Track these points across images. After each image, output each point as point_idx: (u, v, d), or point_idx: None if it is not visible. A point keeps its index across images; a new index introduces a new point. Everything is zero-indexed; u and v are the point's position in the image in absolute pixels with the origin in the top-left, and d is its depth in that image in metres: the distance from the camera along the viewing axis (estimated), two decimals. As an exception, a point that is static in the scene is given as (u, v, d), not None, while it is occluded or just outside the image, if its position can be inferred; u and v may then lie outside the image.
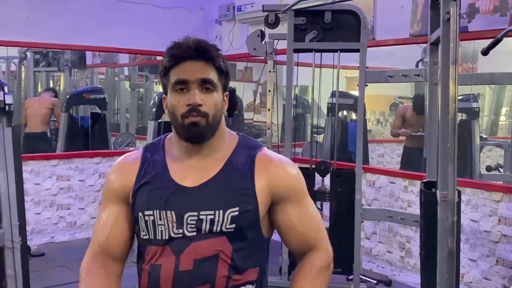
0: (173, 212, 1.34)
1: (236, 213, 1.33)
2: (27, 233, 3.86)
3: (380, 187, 4.79)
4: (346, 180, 3.78)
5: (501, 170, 5.14)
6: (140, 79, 8.55)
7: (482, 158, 5.27)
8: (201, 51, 1.34)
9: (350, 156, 5.19)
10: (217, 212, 1.33)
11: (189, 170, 1.38)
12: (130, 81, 8.32)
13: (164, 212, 1.34)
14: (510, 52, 4.69)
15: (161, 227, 1.35)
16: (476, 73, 5.18)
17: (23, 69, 7.17)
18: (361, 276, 3.87)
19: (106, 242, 1.43)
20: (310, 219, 1.45)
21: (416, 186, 4.30)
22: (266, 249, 1.46)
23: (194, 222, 1.33)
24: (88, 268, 1.43)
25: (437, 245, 2.78)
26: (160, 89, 8.08)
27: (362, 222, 3.86)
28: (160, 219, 1.35)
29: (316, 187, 3.87)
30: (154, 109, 4.80)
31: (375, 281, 4.16)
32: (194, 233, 1.33)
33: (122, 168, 1.46)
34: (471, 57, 5.14)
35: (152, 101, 5.00)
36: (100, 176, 5.83)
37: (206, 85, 1.34)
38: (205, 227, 1.33)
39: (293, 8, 3.62)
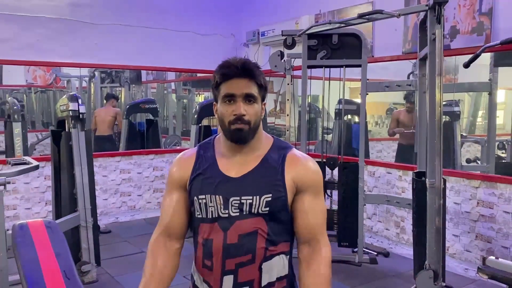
0: (220, 197, 1.37)
1: (270, 198, 1.35)
2: (97, 215, 3.92)
3: (379, 177, 4.74)
4: (351, 171, 3.76)
5: (479, 162, 5.04)
6: (184, 92, 8.60)
7: (463, 152, 5.19)
8: (245, 71, 1.35)
9: (354, 152, 5.15)
10: (254, 197, 1.35)
11: (233, 164, 1.40)
12: (176, 94, 8.37)
13: (214, 196, 1.37)
14: (485, 65, 4.60)
15: (211, 208, 1.37)
16: (457, 82, 5.09)
17: (92, 85, 7.28)
18: (364, 249, 3.84)
19: (169, 224, 1.47)
20: (320, 212, 1.44)
21: (409, 175, 4.25)
22: (293, 228, 1.46)
23: (237, 204, 1.36)
24: (154, 245, 1.48)
25: (427, 224, 2.74)
26: (200, 100, 8.16)
27: (365, 205, 3.83)
28: (211, 202, 1.37)
29: (326, 178, 3.86)
30: (195, 116, 4.83)
31: (376, 253, 4.12)
32: (237, 214, 1.35)
33: (181, 162, 1.48)
34: (453, 70, 5.05)
35: (194, 109, 5.02)
36: (154, 169, 5.89)
37: (249, 98, 1.36)
38: (246, 209, 1.35)
39: (307, 32, 3.62)
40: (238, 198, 1.36)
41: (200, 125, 4.83)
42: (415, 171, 3.27)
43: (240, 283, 1.36)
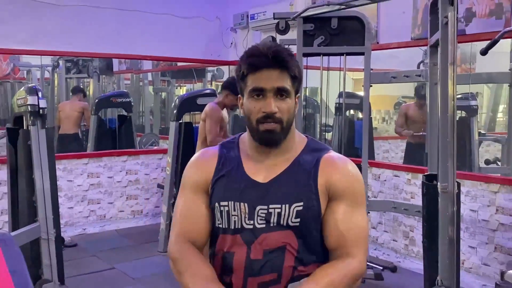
0: (246, 204, 1.35)
1: (301, 207, 1.32)
2: (61, 226, 3.89)
3: (385, 180, 4.76)
4: (353, 174, 3.76)
5: (499, 163, 5.09)
6: (162, 83, 8.57)
7: (481, 152, 5.22)
8: (277, 60, 1.32)
9: (357, 152, 5.16)
10: (283, 206, 1.33)
11: (261, 167, 1.39)
12: (153, 86, 8.35)
13: (238, 203, 1.36)
14: (505, 53, 4.64)
15: (235, 217, 1.36)
16: (474, 73, 5.13)
17: (56, 76, 7.23)
18: (368, 263, 3.85)
19: (189, 231, 1.42)
20: (355, 225, 1.37)
21: (419, 179, 4.27)
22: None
23: (264, 214, 1.34)
24: (185, 253, 1.39)
25: (439, 234, 2.75)
26: (181, 93, 8.14)
27: (369, 213, 3.85)
28: (234, 210, 1.36)
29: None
30: (175, 111, 4.82)
31: (381, 268, 4.14)
32: (263, 225, 1.34)
33: (200, 162, 1.46)
34: (470, 58, 5.09)
35: (173, 104, 5.01)
36: (126, 173, 5.87)
37: (281, 92, 1.34)
38: (273, 220, 1.33)
39: (302, 15, 3.62)
40: (266, 207, 1.34)
41: (180, 121, 4.82)
42: (426, 174, 3.29)
43: None
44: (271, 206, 1.33)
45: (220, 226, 1.39)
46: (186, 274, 1.35)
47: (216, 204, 1.39)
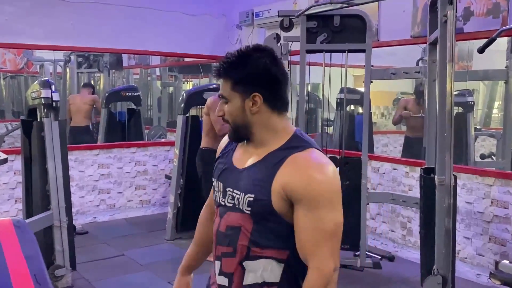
0: (221, 184, 1.50)
1: (251, 199, 1.39)
2: (73, 214, 3.92)
3: (384, 173, 4.76)
4: (353, 167, 3.77)
5: (494, 157, 5.09)
6: (170, 78, 8.58)
7: (477, 147, 5.22)
8: (218, 70, 1.44)
9: (357, 145, 5.17)
10: (241, 194, 1.42)
11: (244, 155, 1.49)
12: (161, 80, 8.35)
13: (218, 182, 1.53)
14: (502, 51, 4.62)
15: (217, 193, 1.53)
16: (471, 70, 5.12)
17: (67, 70, 7.24)
18: (366, 252, 3.86)
19: (210, 198, 1.68)
20: (315, 230, 1.32)
21: (416, 172, 4.27)
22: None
23: (231, 196, 1.46)
24: (202, 214, 1.73)
25: (435, 225, 2.76)
26: (187, 87, 8.14)
27: (368, 204, 3.85)
28: (217, 187, 1.53)
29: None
30: (182, 105, 4.82)
31: (380, 257, 4.14)
32: (231, 205, 1.46)
33: (223, 140, 1.63)
34: (467, 56, 5.07)
35: (180, 98, 5.02)
36: (135, 164, 5.88)
37: (223, 99, 1.45)
38: (236, 202, 1.44)
39: (306, 13, 3.61)
40: (232, 190, 1.46)
41: (187, 115, 4.83)
42: (424, 167, 3.29)
43: (223, 272, 1.46)
44: (235, 190, 1.44)
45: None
46: (195, 234, 1.74)
47: (213, 178, 1.57)
